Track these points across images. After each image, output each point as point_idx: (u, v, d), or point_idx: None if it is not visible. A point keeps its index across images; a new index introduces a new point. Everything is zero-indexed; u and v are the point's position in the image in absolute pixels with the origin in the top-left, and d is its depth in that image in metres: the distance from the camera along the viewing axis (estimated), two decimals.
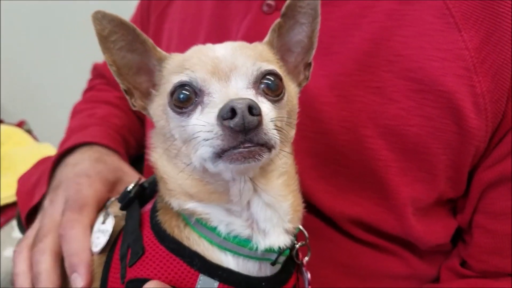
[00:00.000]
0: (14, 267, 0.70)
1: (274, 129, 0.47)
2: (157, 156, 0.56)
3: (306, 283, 0.58)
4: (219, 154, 0.46)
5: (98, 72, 1.13)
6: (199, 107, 0.49)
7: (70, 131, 0.90)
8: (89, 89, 1.12)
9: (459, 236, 0.76)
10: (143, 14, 1.00)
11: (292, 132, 0.56)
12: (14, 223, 1.64)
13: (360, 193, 0.68)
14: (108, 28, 0.52)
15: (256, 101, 0.46)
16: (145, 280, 0.52)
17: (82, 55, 2.50)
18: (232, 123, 0.44)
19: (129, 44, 0.54)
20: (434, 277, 0.76)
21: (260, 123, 0.45)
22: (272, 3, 0.73)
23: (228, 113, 0.44)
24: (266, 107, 0.49)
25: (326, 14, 0.63)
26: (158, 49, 0.55)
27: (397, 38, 0.65)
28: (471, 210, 0.70)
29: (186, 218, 0.54)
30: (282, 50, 0.57)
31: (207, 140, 0.46)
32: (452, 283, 0.72)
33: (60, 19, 2.37)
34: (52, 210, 0.71)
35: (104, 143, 0.84)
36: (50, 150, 1.93)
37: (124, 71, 0.56)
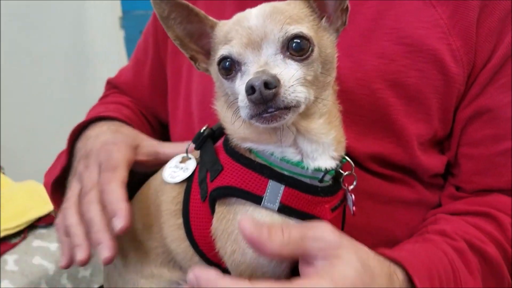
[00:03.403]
0: (65, 220, 0.82)
1: (301, 85, 0.58)
2: (219, 105, 0.70)
3: (351, 202, 0.73)
4: (251, 117, 0.58)
5: (112, 85, 1.27)
6: (239, 74, 0.62)
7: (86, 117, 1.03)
8: (103, 97, 1.26)
9: (448, 173, 0.95)
10: (158, 30, 1.14)
11: (329, 78, 0.66)
12: (6, 257, 1.69)
13: (376, 135, 0.86)
14: (167, 9, 0.65)
15: (284, 66, 0.59)
16: (227, 187, 0.66)
17: (51, 100, 2.60)
18: (252, 98, 0.55)
19: (186, 17, 0.67)
20: (436, 204, 0.94)
21: (276, 94, 0.55)
22: None
23: (249, 90, 0.55)
24: (293, 68, 0.59)
25: None
26: (210, 17, 0.68)
27: (390, 17, 0.86)
28: (456, 145, 0.90)
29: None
30: None
31: (243, 107, 0.58)
32: (453, 204, 0.89)
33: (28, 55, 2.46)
34: (89, 173, 0.84)
35: (120, 118, 0.99)
36: (37, 186, 1.98)
37: (186, 41, 0.69)
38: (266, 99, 0.55)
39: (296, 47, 0.59)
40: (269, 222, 0.64)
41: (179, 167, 0.76)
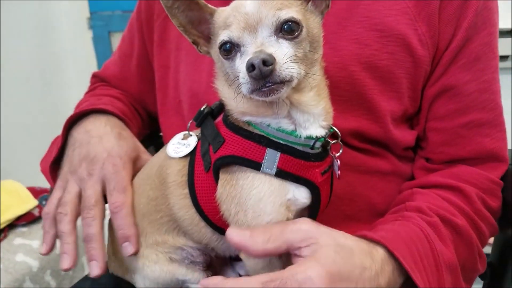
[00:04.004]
0: (59, 225, 0.90)
1: (293, 62, 0.65)
2: (220, 84, 0.77)
3: (337, 167, 0.81)
4: (252, 92, 0.66)
5: (99, 78, 1.31)
6: (239, 54, 0.69)
7: (79, 110, 1.06)
8: (91, 89, 1.30)
9: (417, 147, 1.06)
10: (144, 25, 1.21)
11: (317, 55, 0.73)
12: None
13: (354, 113, 0.95)
14: (170, 0, 0.72)
15: (277, 46, 0.66)
16: (229, 156, 0.73)
17: (19, 99, 2.58)
18: (253, 74, 0.63)
19: (188, 6, 0.73)
20: (409, 175, 1.04)
21: (273, 70, 0.62)
22: None
23: (250, 67, 0.63)
24: (286, 47, 0.67)
25: None
26: (209, 5, 0.75)
27: (362, 6, 0.95)
28: (424, 120, 1.00)
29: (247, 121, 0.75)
30: None
31: (243, 83, 0.66)
32: (426, 178, 0.99)
33: None
34: (93, 183, 0.91)
35: (118, 115, 1.05)
36: (15, 185, 1.99)
37: (188, 28, 0.76)
38: (264, 75, 0.63)
39: (287, 29, 0.67)
40: (268, 184, 0.73)
41: (181, 143, 0.83)
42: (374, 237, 0.78)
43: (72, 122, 1.03)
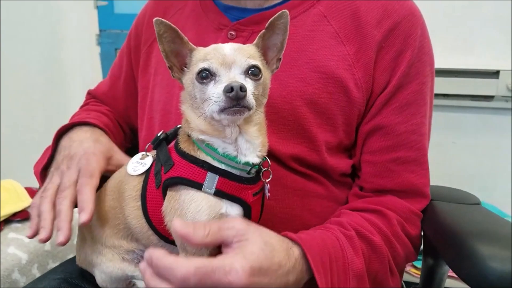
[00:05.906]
0: (40, 206, 1.01)
1: (253, 98, 0.78)
2: (185, 107, 0.91)
3: (267, 190, 0.94)
4: (222, 110, 0.80)
5: (92, 95, 1.48)
6: (212, 82, 0.83)
7: (66, 124, 1.21)
8: (84, 105, 1.46)
9: (355, 175, 1.19)
10: (132, 51, 1.39)
11: (265, 100, 0.88)
12: None
13: (295, 140, 1.08)
14: (162, 29, 0.86)
15: (245, 82, 0.78)
16: (177, 177, 0.87)
17: (28, 109, 2.77)
18: (231, 95, 0.75)
19: (173, 38, 0.87)
20: (344, 201, 1.16)
21: (245, 95, 0.75)
22: (234, 33, 1.17)
23: (229, 89, 0.75)
24: (250, 85, 0.80)
25: None
26: (190, 43, 0.89)
27: (310, 50, 1.10)
28: (359, 153, 1.13)
29: (198, 144, 0.89)
30: (264, 48, 0.89)
31: (216, 102, 0.80)
32: (356, 202, 1.12)
33: None
34: (69, 174, 1.05)
35: (100, 126, 1.21)
36: (14, 184, 2.15)
37: (169, 55, 0.89)
38: (239, 97, 0.76)
39: (253, 73, 0.82)
40: (206, 200, 0.86)
41: (139, 162, 0.97)
42: (293, 237, 0.89)
43: (61, 133, 1.18)
